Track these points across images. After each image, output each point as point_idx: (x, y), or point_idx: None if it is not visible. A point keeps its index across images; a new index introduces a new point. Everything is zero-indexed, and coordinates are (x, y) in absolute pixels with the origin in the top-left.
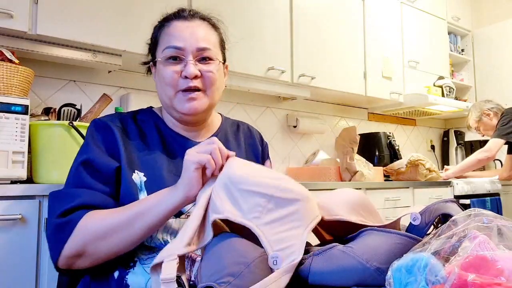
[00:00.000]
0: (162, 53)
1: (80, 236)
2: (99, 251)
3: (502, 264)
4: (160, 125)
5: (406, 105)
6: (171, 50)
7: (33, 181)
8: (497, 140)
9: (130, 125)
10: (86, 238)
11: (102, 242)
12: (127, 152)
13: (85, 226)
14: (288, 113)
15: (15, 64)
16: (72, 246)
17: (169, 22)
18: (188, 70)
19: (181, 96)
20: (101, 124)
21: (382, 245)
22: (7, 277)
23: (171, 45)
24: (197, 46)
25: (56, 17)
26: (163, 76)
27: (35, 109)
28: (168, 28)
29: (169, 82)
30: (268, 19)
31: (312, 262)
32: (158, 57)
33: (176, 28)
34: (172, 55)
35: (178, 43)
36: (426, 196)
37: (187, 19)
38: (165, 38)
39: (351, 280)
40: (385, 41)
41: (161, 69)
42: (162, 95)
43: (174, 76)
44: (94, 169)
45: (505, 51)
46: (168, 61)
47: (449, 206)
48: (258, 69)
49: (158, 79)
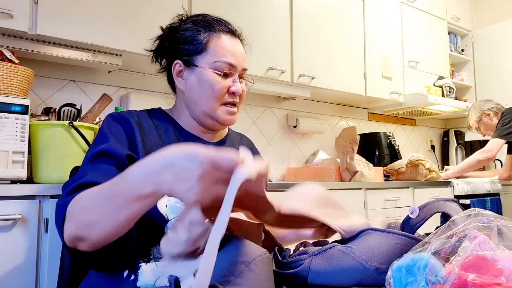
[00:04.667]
0: (214, 64)
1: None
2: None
3: (502, 264)
4: (175, 125)
5: (406, 105)
6: (225, 65)
7: (33, 181)
8: (497, 140)
9: (147, 121)
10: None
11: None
12: (145, 145)
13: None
14: (288, 113)
15: (15, 64)
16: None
17: (218, 33)
18: (238, 88)
19: (225, 109)
20: (118, 116)
21: (382, 245)
22: (7, 277)
23: (227, 61)
24: (243, 67)
25: (56, 17)
26: (213, 88)
27: (35, 109)
28: (219, 39)
29: (218, 95)
30: (268, 19)
31: (312, 262)
32: (204, 64)
33: (229, 44)
34: (225, 71)
35: (233, 60)
36: (426, 196)
37: (234, 35)
38: (217, 50)
39: (350, 280)
40: (385, 41)
41: (209, 79)
42: (200, 103)
43: (222, 90)
44: (109, 157)
45: (505, 51)
46: (218, 74)
47: (449, 205)
48: (258, 69)
49: (198, 86)
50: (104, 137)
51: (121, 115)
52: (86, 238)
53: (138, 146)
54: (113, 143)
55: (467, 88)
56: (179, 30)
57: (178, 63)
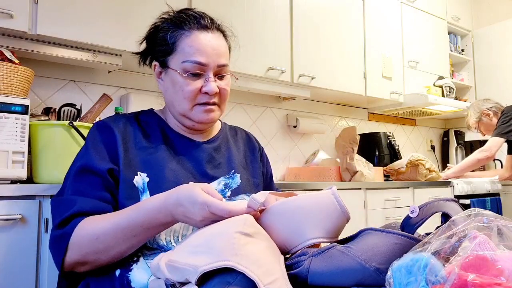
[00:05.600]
0: (182, 64)
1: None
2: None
3: (502, 264)
4: (164, 126)
5: (406, 105)
6: (193, 65)
7: (33, 181)
8: (496, 139)
9: (133, 126)
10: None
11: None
12: (127, 154)
13: (79, 238)
14: (288, 113)
15: (15, 64)
16: (72, 256)
17: (189, 30)
18: (210, 88)
19: (198, 108)
20: (102, 125)
21: (381, 245)
22: (7, 277)
23: (195, 60)
24: (218, 63)
25: (56, 17)
26: (183, 89)
27: (35, 109)
28: (189, 37)
29: (188, 97)
30: (268, 19)
31: (311, 262)
32: (175, 66)
33: (199, 41)
34: (194, 71)
35: (202, 58)
36: (426, 196)
37: (208, 30)
38: (186, 49)
39: (350, 281)
40: (385, 41)
41: (179, 81)
42: (174, 104)
43: (194, 91)
44: (90, 174)
45: (505, 51)
46: (188, 75)
47: (449, 205)
48: (258, 69)
49: (172, 87)
50: (86, 151)
51: (106, 124)
52: (93, 262)
53: (119, 156)
54: (95, 158)
55: (467, 88)
56: (158, 30)
57: (156, 65)
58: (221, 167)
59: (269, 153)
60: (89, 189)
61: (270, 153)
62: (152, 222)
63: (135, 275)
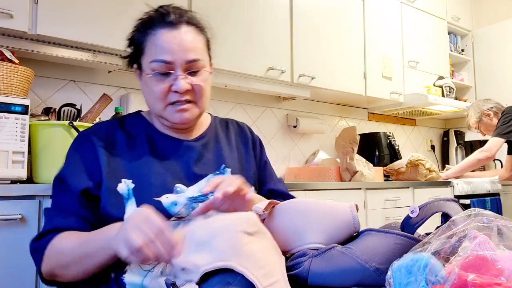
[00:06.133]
0: (149, 65)
1: (46, 261)
2: (66, 277)
3: (502, 264)
4: (149, 128)
5: (406, 105)
6: (159, 64)
7: (33, 181)
8: (497, 139)
9: (117, 133)
10: (52, 267)
11: (65, 271)
12: (111, 163)
13: (48, 252)
14: (288, 113)
15: (15, 64)
16: (45, 269)
17: (155, 29)
18: (179, 86)
19: (171, 108)
20: (82, 138)
21: (381, 246)
22: (7, 277)
23: (159, 58)
24: (186, 59)
25: (56, 17)
26: (152, 90)
27: (35, 109)
28: (154, 36)
29: (159, 97)
30: (268, 19)
31: (312, 263)
32: (145, 67)
33: (163, 39)
34: (161, 70)
35: (167, 56)
36: (426, 196)
37: (174, 26)
38: (152, 49)
39: (350, 281)
40: (385, 41)
41: (149, 81)
42: (150, 105)
43: (163, 91)
44: (66, 190)
45: (505, 51)
46: (156, 74)
47: (449, 205)
48: (258, 69)
49: (146, 89)
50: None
51: (86, 137)
52: (61, 276)
53: (101, 167)
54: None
55: (467, 88)
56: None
57: (135, 67)
58: (211, 163)
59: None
60: (67, 205)
61: (270, 153)
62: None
63: (129, 277)
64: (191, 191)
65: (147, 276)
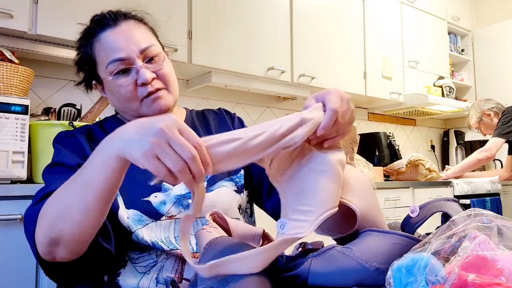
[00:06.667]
0: (107, 70)
1: (42, 220)
2: (65, 232)
3: (502, 264)
4: None
5: (406, 105)
6: (115, 65)
7: (33, 181)
8: (497, 139)
9: (98, 134)
10: (47, 222)
11: (62, 222)
12: None
13: (43, 210)
14: (288, 113)
15: (15, 64)
16: (40, 235)
17: (97, 36)
18: (143, 77)
19: (146, 101)
20: (65, 133)
21: (381, 246)
22: (7, 277)
23: (112, 59)
24: (139, 49)
25: (56, 17)
26: (119, 93)
27: (35, 109)
28: (99, 42)
29: (129, 96)
30: (268, 19)
31: (312, 263)
32: (103, 75)
33: (109, 40)
34: (120, 69)
35: (119, 54)
36: (426, 196)
37: (114, 25)
38: (102, 54)
39: (351, 281)
40: (385, 41)
41: (113, 86)
42: (125, 109)
43: (130, 89)
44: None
45: (505, 51)
46: (116, 76)
47: (450, 205)
48: (258, 69)
49: (113, 96)
50: (56, 151)
51: (68, 132)
52: (60, 237)
53: (87, 153)
54: (65, 155)
55: (467, 88)
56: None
57: (95, 84)
58: None
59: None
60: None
61: None
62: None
63: (124, 279)
64: (178, 189)
65: (143, 278)
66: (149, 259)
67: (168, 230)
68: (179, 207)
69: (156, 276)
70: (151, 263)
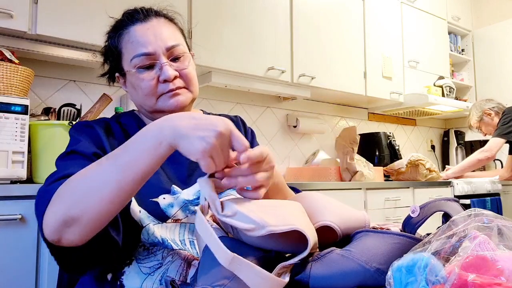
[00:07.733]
0: (131, 63)
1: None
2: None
3: (502, 264)
4: (141, 124)
5: (406, 105)
6: (140, 59)
7: (33, 181)
8: (497, 140)
9: (115, 126)
10: (69, 199)
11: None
12: (112, 145)
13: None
14: (288, 113)
15: (15, 64)
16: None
17: (127, 28)
18: (166, 74)
19: (164, 97)
20: (83, 123)
21: (381, 246)
22: (7, 277)
23: (139, 53)
24: (166, 46)
25: (56, 17)
26: (140, 87)
27: (35, 109)
28: (127, 35)
29: (149, 92)
30: (268, 19)
31: (312, 267)
32: (127, 67)
33: (138, 33)
34: (144, 64)
35: (146, 48)
36: (426, 196)
37: (145, 20)
38: (129, 47)
39: (352, 283)
40: (385, 41)
41: (135, 80)
42: (142, 104)
43: (152, 84)
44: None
45: (505, 51)
46: (140, 70)
47: (450, 205)
48: (258, 69)
49: (134, 90)
50: (72, 140)
51: (86, 122)
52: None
53: (104, 144)
54: (81, 144)
55: (467, 88)
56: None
57: (118, 76)
58: None
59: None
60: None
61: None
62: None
63: (127, 279)
64: (186, 194)
65: (147, 279)
66: (154, 260)
67: (173, 232)
68: (186, 211)
69: (160, 278)
70: (156, 265)
